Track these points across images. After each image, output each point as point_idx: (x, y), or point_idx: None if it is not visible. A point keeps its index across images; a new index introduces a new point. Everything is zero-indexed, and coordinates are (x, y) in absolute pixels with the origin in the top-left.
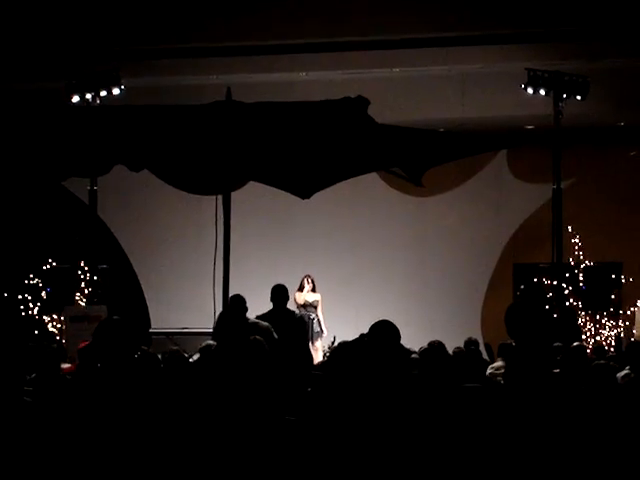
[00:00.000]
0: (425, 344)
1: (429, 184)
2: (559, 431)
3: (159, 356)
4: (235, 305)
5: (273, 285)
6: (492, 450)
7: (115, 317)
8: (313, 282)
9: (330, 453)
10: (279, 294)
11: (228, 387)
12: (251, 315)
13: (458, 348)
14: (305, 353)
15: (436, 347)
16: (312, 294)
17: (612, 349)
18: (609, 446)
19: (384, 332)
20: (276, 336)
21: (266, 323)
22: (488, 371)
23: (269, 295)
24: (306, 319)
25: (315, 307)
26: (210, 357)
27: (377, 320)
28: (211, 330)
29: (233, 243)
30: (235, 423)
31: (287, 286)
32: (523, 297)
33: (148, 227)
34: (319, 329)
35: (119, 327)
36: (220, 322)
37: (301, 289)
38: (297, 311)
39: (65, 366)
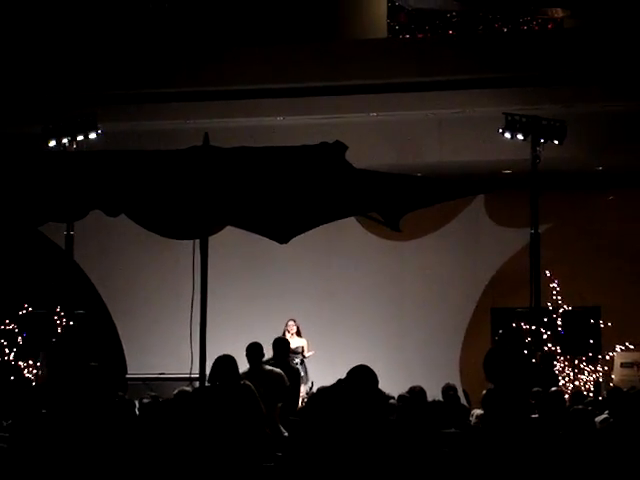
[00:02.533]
0: (403, 389)
1: (406, 229)
2: (537, 476)
3: (135, 402)
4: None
5: (248, 344)
6: None
7: (92, 363)
8: (297, 326)
9: None
10: (253, 353)
11: (209, 432)
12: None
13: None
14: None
15: (416, 393)
16: (296, 339)
17: (591, 394)
18: None
19: (362, 377)
20: (288, 383)
21: (279, 370)
22: (473, 421)
23: (247, 339)
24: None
25: (299, 353)
26: (187, 402)
27: (355, 365)
28: (188, 375)
29: (210, 288)
30: (214, 468)
31: (266, 331)
32: (502, 341)
33: (125, 272)
34: (303, 373)
35: (96, 373)
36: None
37: (284, 334)
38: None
39: None
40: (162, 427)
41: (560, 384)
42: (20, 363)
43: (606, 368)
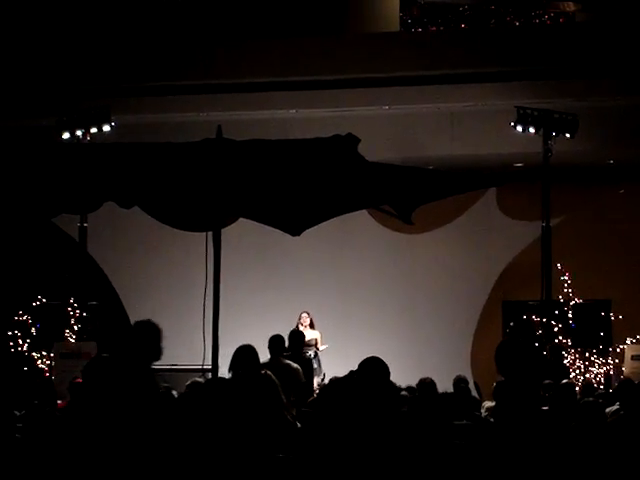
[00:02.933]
0: (414, 381)
1: (419, 221)
2: (548, 469)
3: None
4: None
5: (271, 335)
6: None
7: (104, 354)
8: (311, 319)
9: None
10: (274, 344)
11: (221, 423)
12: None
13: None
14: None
15: (426, 384)
16: (309, 331)
17: (601, 386)
18: None
19: (374, 368)
20: (303, 379)
21: (297, 365)
22: (484, 413)
23: (259, 330)
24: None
25: (313, 345)
26: (200, 393)
27: (366, 357)
28: (200, 367)
29: (223, 279)
30: (226, 459)
31: (278, 323)
32: (513, 333)
33: (138, 263)
34: (316, 366)
35: (108, 365)
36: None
37: (298, 327)
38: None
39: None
40: (176, 418)
41: (571, 377)
42: (34, 354)
43: (617, 361)
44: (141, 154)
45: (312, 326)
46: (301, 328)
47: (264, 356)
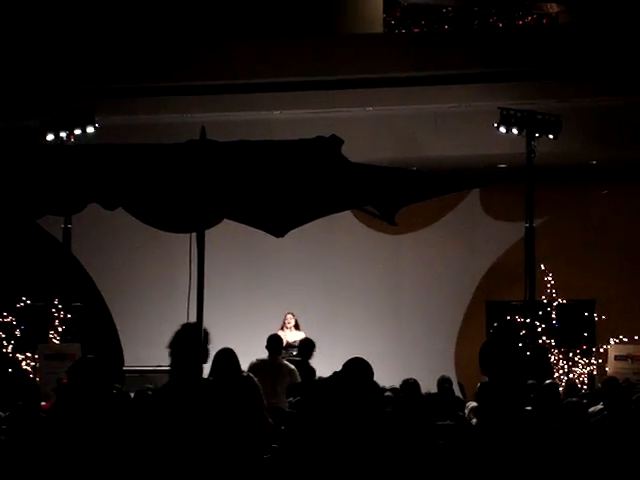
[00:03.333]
0: (399, 381)
1: (403, 222)
2: (532, 469)
3: (131, 394)
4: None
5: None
6: None
7: (89, 356)
8: (296, 320)
9: None
10: (271, 344)
11: (206, 424)
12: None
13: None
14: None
15: (411, 385)
16: (294, 332)
17: (585, 387)
18: None
19: (357, 369)
20: (299, 379)
21: (292, 366)
22: (467, 414)
23: (244, 331)
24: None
25: (297, 347)
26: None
27: (350, 357)
28: None
29: (207, 281)
30: (211, 460)
31: (263, 323)
32: (497, 334)
33: (122, 265)
34: None
35: (93, 366)
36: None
37: (283, 328)
38: None
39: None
40: (156, 419)
41: (554, 377)
42: (18, 356)
43: (600, 361)
44: (125, 155)
45: (297, 327)
46: (286, 329)
47: (249, 357)
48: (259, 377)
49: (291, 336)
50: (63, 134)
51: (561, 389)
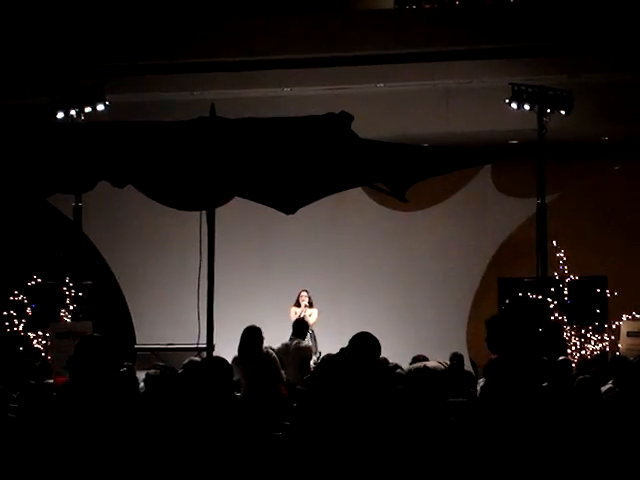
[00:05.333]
0: (409, 359)
1: (413, 199)
2: (543, 446)
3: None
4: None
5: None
6: (478, 465)
7: (95, 334)
8: (309, 297)
9: (316, 469)
10: (296, 328)
11: (217, 402)
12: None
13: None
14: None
15: (421, 361)
16: (309, 310)
17: (597, 363)
18: (593, 461)
19: (363, 344)
20: (315, 358)
21: (307, 343)
22: (479, 390)
23: (254, 309)
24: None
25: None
26: (197, 372)
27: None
28: (196, 346)
29: (217, 258)
30: (223, 438)
31: (273, 301)
32: (508, 310)
33: (133, 243)
34: (311, 344)
35: (99, 344)
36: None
37: (297, 304)
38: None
39: (58, 379)
40: (172, 398)
41: (567, 353)
42: (29, 334)
43: (612, 337)
44: (135, 133)
45: (311, 304)
46: (302, 306)
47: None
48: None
49: (305, 313)
50: (73, 112)
51: (573, 366)
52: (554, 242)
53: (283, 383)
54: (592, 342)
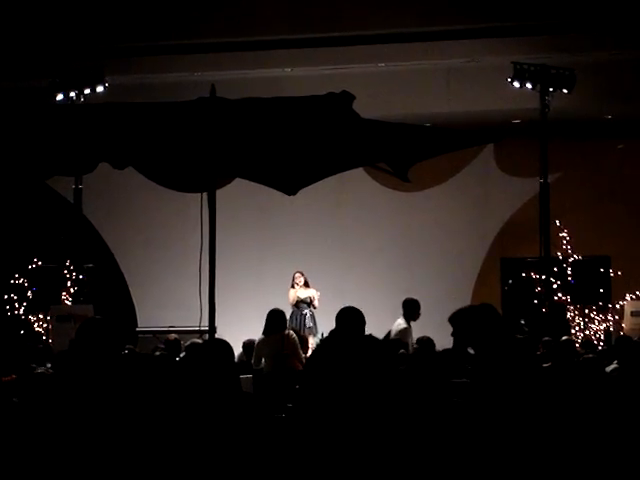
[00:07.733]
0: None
1: (415, 179)
2: (548, 426)
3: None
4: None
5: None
6: (481, 445)
7: (97, 317)
8: (305, 278)
9: (319, 449)
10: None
11: (219, 385)
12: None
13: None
14: None
15: (425, 342)
16: (304, 290)
17: (601, 343)
18: (598, 440)
19: (347, 318)
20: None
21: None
22: None
23: (256, 291)
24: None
25: (308, 303)
26: (198, 354)
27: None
28: (197, 328)
29: (219, 240)
30: (224, 420)
31: (275, 283)
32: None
33: (134, 225)
34: (311, 324)
35: (100, 327)
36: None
37: (293, 286)
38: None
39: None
40: (175, 379)
41: (571, 333)
42: (30, 317)
43: (616, 317)
44: (135, 114)
45: (307, 284)
46: (297, 287)
47: (259, 314)
48: None
49: (302, 293)
50: (72, 94)
51: (577, 346)
52: (557, 222)
53: (302, 362)
54: (596, 322)
